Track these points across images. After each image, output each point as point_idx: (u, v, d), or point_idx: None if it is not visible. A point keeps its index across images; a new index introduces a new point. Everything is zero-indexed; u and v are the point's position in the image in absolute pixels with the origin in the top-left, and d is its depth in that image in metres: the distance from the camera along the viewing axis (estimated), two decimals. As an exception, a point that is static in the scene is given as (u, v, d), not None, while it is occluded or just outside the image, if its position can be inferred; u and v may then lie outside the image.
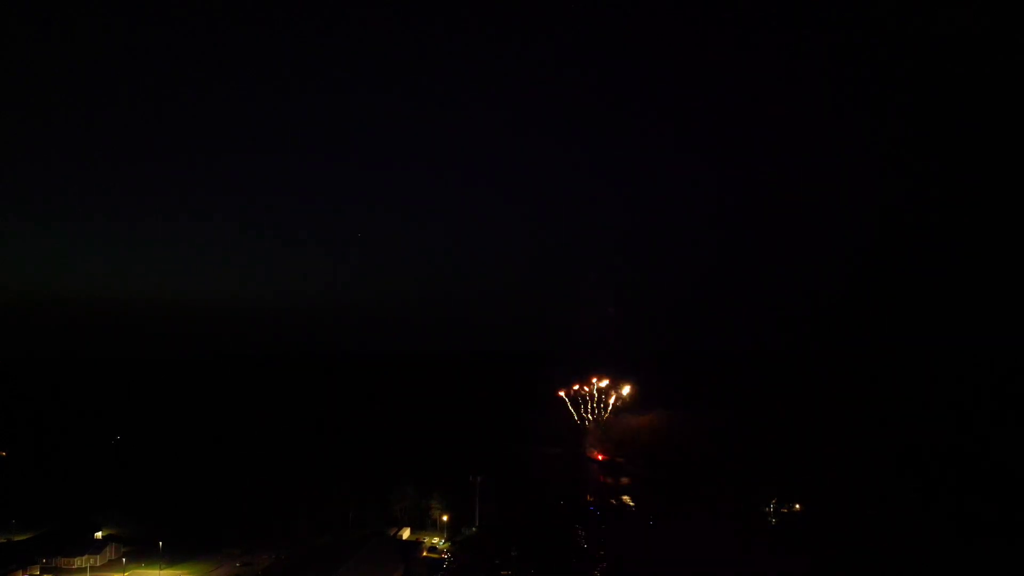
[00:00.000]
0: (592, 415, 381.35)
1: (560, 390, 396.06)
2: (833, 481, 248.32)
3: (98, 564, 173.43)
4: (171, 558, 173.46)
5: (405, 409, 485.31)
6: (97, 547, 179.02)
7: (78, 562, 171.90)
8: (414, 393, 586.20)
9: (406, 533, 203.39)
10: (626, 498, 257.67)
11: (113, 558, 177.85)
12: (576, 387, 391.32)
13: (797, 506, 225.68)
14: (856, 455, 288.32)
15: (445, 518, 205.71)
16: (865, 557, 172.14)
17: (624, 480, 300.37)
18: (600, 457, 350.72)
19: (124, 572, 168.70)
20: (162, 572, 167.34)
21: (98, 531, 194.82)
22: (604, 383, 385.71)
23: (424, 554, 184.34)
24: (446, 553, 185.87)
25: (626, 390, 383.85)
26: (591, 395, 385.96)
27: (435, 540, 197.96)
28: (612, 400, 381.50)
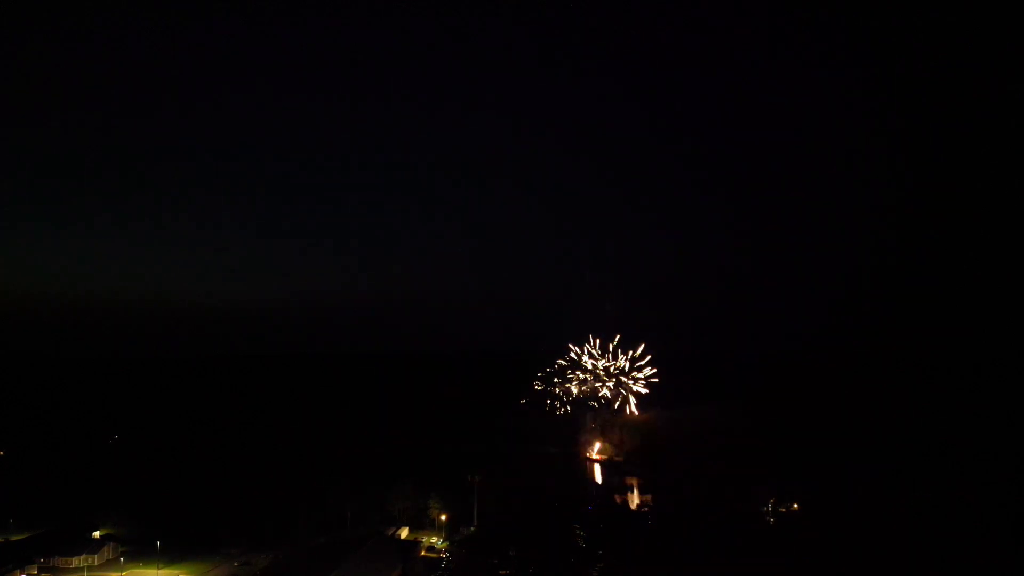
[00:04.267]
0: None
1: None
2: (831, 481, 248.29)
3: (96, 564, 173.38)
4: (169, 558, 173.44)
5: (403, 408, 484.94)
6: (95, 547, 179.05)
7: (76, 561, 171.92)
8: (412, 393, 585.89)
9: (404, 532, 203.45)
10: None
11: (111, 557, 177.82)
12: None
13: (795, 506, 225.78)
14: (854, 454, 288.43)
15: (444, 517, 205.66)
16: (863, 557, 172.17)
17: (629, 480, 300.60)
18: (598, 457, 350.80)
19: (122, 571, 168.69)
20: (160, 572, 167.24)
21: (96, 531, 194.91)
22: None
23: (422, 553, 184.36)
24: (444, 552, 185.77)
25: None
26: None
27: (434, 539, 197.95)
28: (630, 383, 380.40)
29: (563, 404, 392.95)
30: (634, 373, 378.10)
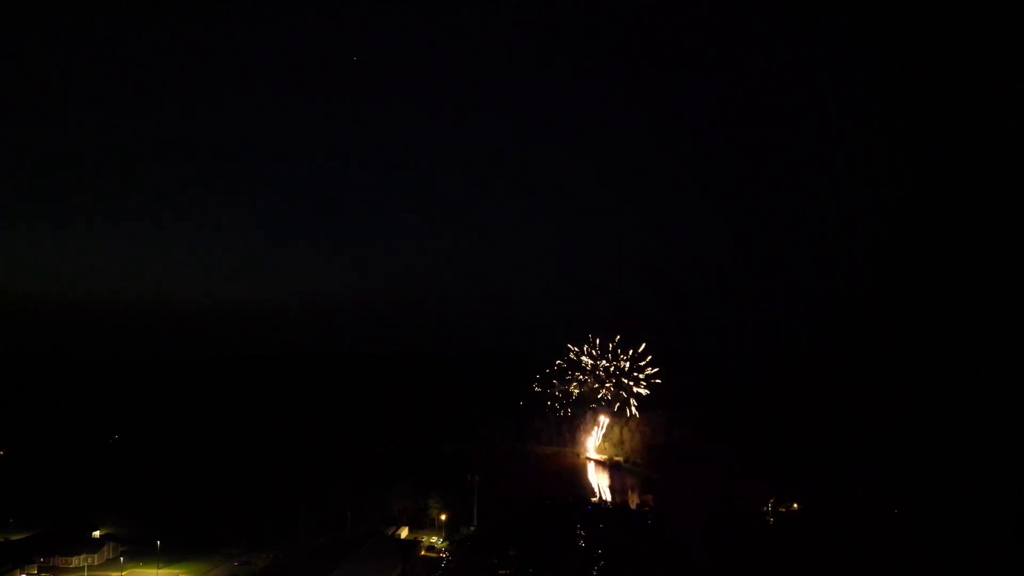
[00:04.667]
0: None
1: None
2: (831, 481, 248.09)
3: (96, 563, 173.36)
4: (169, 557, 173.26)
5: (403, 408, 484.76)
6: (95, 546, 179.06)
7: (76, 561, 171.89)
8: (412, 392, 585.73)
9: (404, 532, 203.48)
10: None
11: (111, 557, 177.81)
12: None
13: (795, 506, 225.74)
14: (854, 454, 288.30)
15: (444, 517, 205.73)
16: (863, 557, 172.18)
17: (630, 481, 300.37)
18: (599, 457, 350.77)
19: (122, 571, 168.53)
20: (160, 571, 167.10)
21: (96, 530, 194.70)
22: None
23: (422, 553, 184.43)
24: (444, 552, 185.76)
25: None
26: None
27: (433, 539, 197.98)
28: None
29: (563, 406, 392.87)
30: (635, 373, 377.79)
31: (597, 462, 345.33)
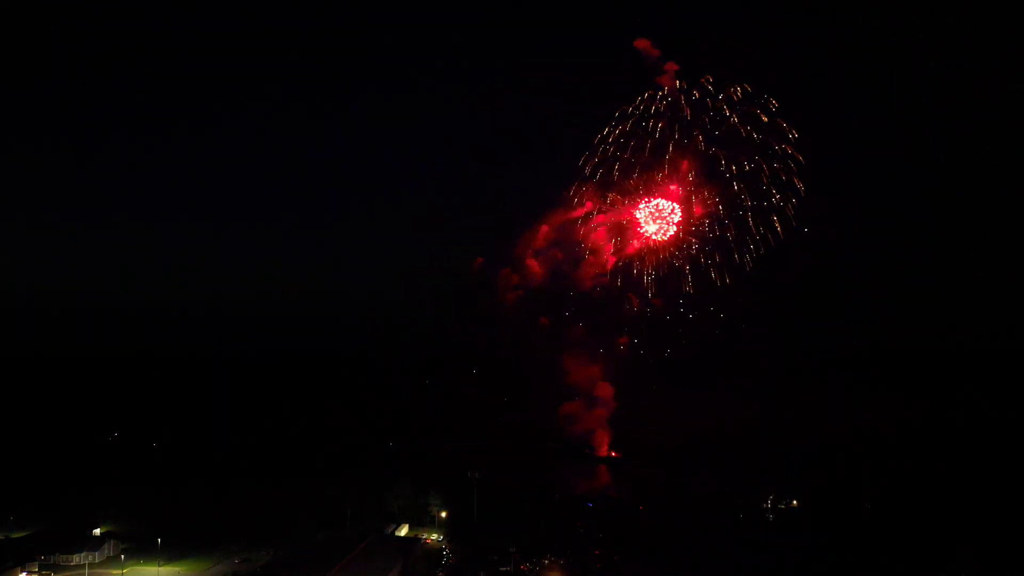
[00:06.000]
0: None
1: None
2: (832, 477, 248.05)
3: (96, 561, 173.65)
4: (169, 555, 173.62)
5: (402, 407, 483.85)
6: (95, 544, 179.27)
7: (76, 559, 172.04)
8: (410, 389, 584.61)
9: (404, 530, 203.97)
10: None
11: (112, 555, 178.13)
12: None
13: (795, 502, 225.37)
14: (855, 450, 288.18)
15: (444, 515, 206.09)
16: (863, 554, 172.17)
17: (629, 474, 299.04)
18: (599, 453, 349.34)
19: (123, 569, 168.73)
20: (161, 569, 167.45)
21: (96, 528, 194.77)
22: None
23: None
24: (445, 550, 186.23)
25: None
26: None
27: (433, 536, 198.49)
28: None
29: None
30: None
31: (597, 458, 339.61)
